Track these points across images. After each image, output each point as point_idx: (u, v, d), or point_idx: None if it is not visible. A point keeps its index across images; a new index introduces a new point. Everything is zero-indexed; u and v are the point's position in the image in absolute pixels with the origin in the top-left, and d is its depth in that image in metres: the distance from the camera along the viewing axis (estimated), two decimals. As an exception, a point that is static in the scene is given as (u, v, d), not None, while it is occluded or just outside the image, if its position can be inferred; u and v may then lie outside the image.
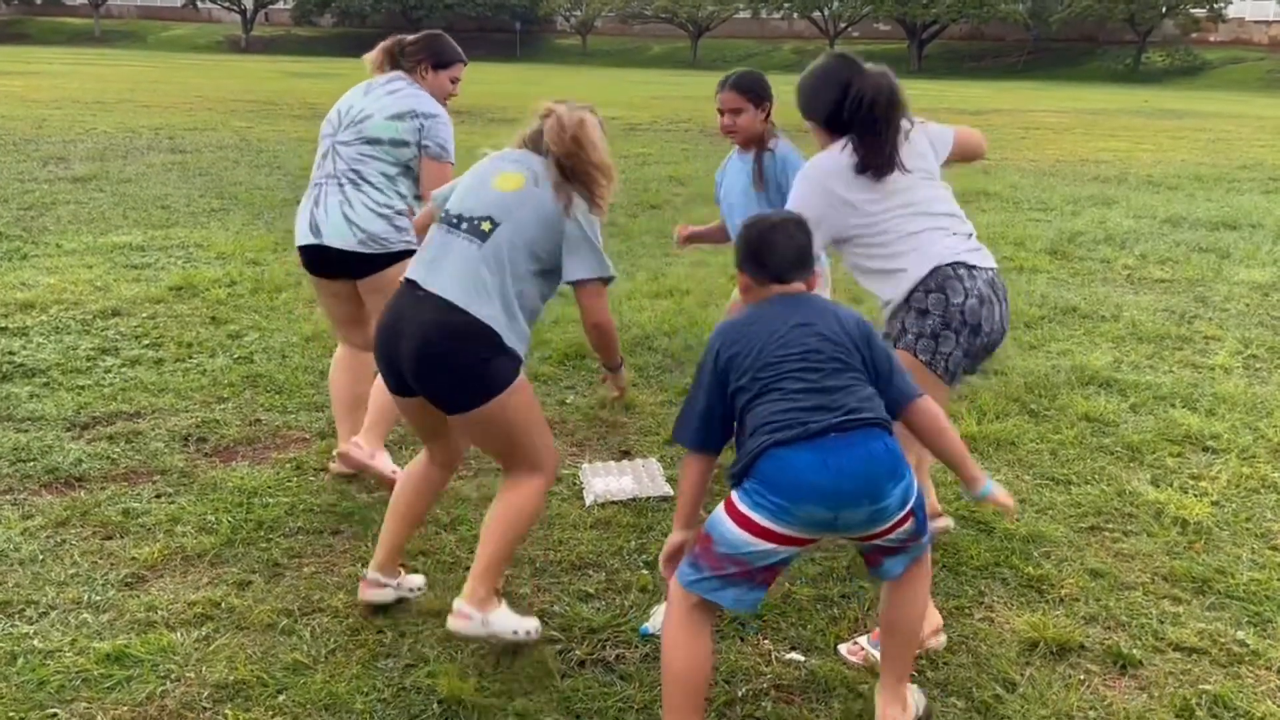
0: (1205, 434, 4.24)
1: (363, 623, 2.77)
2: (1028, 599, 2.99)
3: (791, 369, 2.17)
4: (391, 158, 3.52)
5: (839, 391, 2.15)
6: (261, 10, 75.77)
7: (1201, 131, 20.51)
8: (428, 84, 3.65)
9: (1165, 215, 9.68)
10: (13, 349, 4.82)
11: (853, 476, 2.07)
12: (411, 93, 3.59)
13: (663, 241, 8.06)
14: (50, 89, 22.16)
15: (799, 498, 2.07)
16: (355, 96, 3.63)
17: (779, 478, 2.08)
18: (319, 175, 3.58)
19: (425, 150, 3.53)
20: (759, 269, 2.34)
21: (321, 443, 3.95)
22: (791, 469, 2.07)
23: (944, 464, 2.39)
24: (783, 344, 2.20)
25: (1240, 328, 5.89)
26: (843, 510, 2.08)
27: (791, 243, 2.35)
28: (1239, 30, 56.31)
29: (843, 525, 2.12)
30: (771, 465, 2.09)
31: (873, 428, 2.13)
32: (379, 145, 3.51)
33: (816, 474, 2.06)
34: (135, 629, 2.70)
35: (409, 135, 3.51)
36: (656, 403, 4.51)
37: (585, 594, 2.94)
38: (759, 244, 2.36)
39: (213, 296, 5.86)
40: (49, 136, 13.39)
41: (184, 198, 9.24)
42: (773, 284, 2.33)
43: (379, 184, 3.51)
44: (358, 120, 3.54)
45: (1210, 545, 3.32)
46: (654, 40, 67.60)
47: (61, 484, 3.54)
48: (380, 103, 3.55)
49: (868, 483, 2.08)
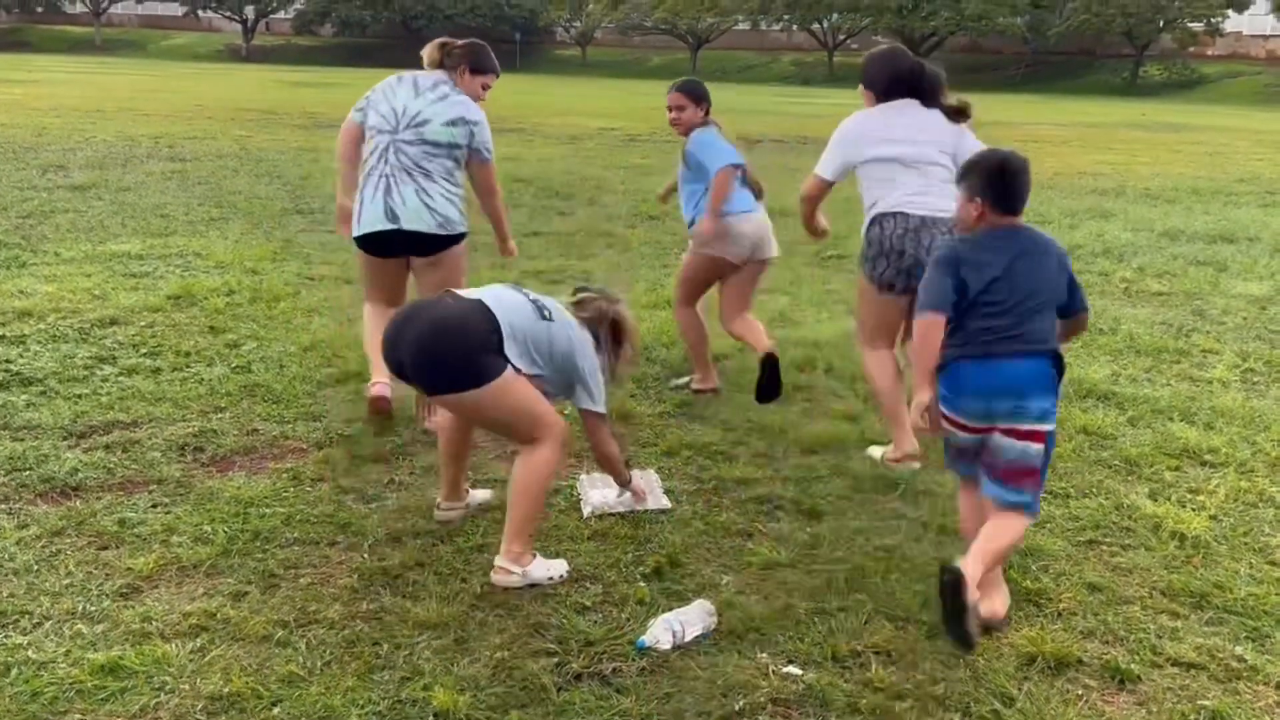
0: (1203, 448, 4.24)
1: (358, 634, 2.76)
2: (1025, 613, 2.98)
3: (1007, 303, 2.78)
4: (451, 157, 4.17)
5: (1033, 324, 2.79)
6: (262, 20, 76.00)
7: (1199, 145, 20.58)
8: (464, 84, 4.23)
9: (1163, 228, 9.71)
10: (10, 357, 4.81)
11: (1012, 378, 2.77)
12: (458, 100, 4.18)
13: (661, 252, 8.07)
14: (50, 97, 22.20)
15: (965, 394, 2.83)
16: (407, 97, 4.16)
17: (955, 384, 2.83)
18: (383, 168, 4.11)
19: (476, 154, 4.22)
20: (1002, 202, 2.83)
21: (319, 452, 3.95)
22: (965, 378, 2.82)
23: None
24: (1009, 276, 2.79)
25: (1238, 341, 5.89)
26: (994, 402, 2.78)
27: (1030, 186, 2.87)
28: (1236, 44, 56.52)
29: (995, 413, 2.79)
30: (951, 374, 2.83)
31: (1043, 356, 2.80)
32: (440, 147, 4.13)
33: (980, 379, 2.80)
34: (130, 640, 2.69)
35: (463, 139, 4.16)
36: (655, 414, 4.50)
37: (582, 606, 2.93)
38: (1011, 181, 2.83)
39: (211, 305, 5.86)
40: (49, 144, 13.41)
41: (183, 206, 9.25)
42: (1006, 216, 2.83)
43: (446, 177, 4.16)
44: (416, 123, 4.11)
45: (1208, 560, 3.32)
46: (654, 51, 67.79)
47: (57, 493, 3.53)
48: (434, 109, 4.12)
49: (1017, 387, 2.76)
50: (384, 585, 3.01)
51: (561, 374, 3.10)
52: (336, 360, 4.96)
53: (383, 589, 2.98)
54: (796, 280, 7.18)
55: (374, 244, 4.18)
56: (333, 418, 4.29)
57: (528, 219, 9.18)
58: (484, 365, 2.87)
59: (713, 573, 3.14)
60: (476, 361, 2.87)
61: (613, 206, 10.38)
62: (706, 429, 4.34)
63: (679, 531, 3.39)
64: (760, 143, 18.88)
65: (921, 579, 3.11)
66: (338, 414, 4.33)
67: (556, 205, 10.01)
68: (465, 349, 2.88)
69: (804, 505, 3.62)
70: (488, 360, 2.88)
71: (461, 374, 2.88)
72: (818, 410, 4.58)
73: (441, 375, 2.92)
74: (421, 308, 3.06)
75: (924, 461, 3.87)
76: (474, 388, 2.87)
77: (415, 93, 4.15)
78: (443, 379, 2.93)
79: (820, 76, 58.04)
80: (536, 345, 3.01)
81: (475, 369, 2.86)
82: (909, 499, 3.69)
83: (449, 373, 2.90)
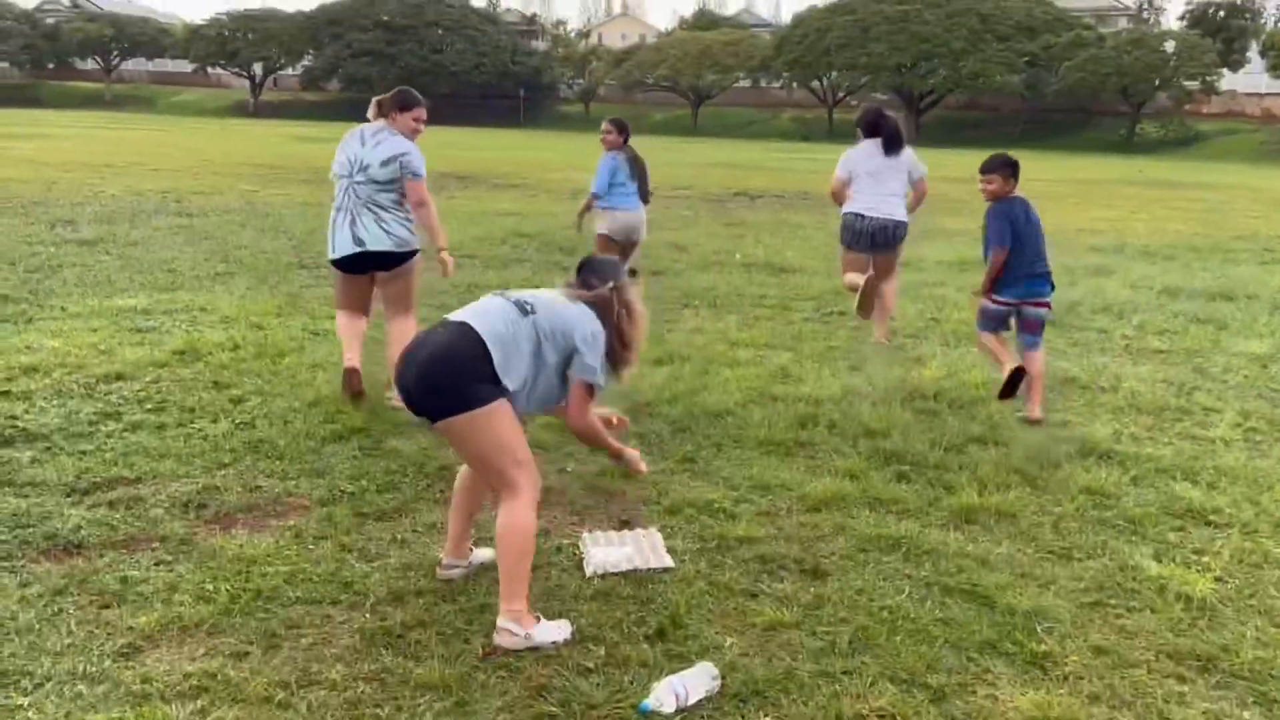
0: (1207, 508, 4.24)
1: (360, 696, 2.74)
2: (1031, 676, 2.96)
3: (1031, 250, 5.45)
4: (395, 189, 5.19)
5: (1040, 262, 5.50)
6: (270, 76, 77.15)
7: (1196, 202, 20.76)
8: (400, 124, 5.26)
9: (1162, 285, 9.77)
10: (15, 413, 4.83)
11: (1031, 282, 5.47)
12: (391, 141, 5.19)
13: (664, 307, 8.12)
14: (60, 152, 22.49)
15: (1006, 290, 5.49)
16: (356, 148, 5.21)
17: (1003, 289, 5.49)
18: (347, 203, 5.19)
19: (406, 176, 5.18)
20: (1014, 176, 5.49)
21: (321, 509, 3.95)
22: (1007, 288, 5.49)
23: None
24: (1030, 229, 5.45)
25: (1239, 400, 5.91)
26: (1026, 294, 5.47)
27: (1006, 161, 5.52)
28: (1231, 103, 57.24)
29: (1025, 293, 5.47)
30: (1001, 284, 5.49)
31: (1049, 277, 5.56)
32: (383, 183, 5.16)
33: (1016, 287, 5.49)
34: (130, 701, 2.68)
35: (397, 172, 5.17)
36: (658, 470, 4.50)
37: (584, 668, 2.91)
38: (1016, 163, 5.52)
39: (216, 361, 5.89)
40: (58, 199, 13.56)
41: (189, 261, 9.33)
42: (1016, 185, 5.50)
43: (395, 205, 5.21)
44: (363, 167, 5.16)
45: (1214, 622, 3.30)
46: (655, 107, 68.66)
47: (60, 550, 3.53)
48: (373, 154, 5.16)
49: (1034, 287, 5.49)
50: (386, 645, 2.99)
51: (564, 355, 3.12)
52: (340, 416, 4.97)
53: (385, 649, 2.97)
54: (799, 336, 7.22)
55: (347, 264, 5.26)
56: (336, 474, 4.29)
57: (531, 273, 9.26)
58: (473, 392, 3.00)
59: (716, 634, 3.13)
60: (465, 388, 3.00)
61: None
62: (709, 486, 4.34)
63: (682, 591, 3.38)
64: (761, 198, 19.08)
65: (927, 640, 3.10)
66: (341, 470, 4.34)
67: (559, 259, 10.08)
68: (453, 376, 3.02)
69: (807, 564, 3.61)
70: (477, 387, 3.00)
71: (453, 400, 3.01)
72: (821, 468, 4.59)
73: (435, 402, 3.06)
74: (422, 342, 3.16)
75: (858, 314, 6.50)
76: (463, 412, 2.99)
77: (362, 143, 5.20)
78: (436, 405, 3.06)
79: (820, 132, 58.73)
80: (521, 341, 3.07)
81: (465, 395, 2.99)
82: (912, 558, 3.69)
83: (441, 399, 3.04)
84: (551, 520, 3.95)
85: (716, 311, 8.07)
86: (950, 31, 57.30)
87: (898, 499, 4.23)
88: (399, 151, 5.14)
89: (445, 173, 19.61)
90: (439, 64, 70.11)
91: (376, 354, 5.42)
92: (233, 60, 75.40)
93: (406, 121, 5.25)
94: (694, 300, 8.48)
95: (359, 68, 70.20)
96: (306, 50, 74.15)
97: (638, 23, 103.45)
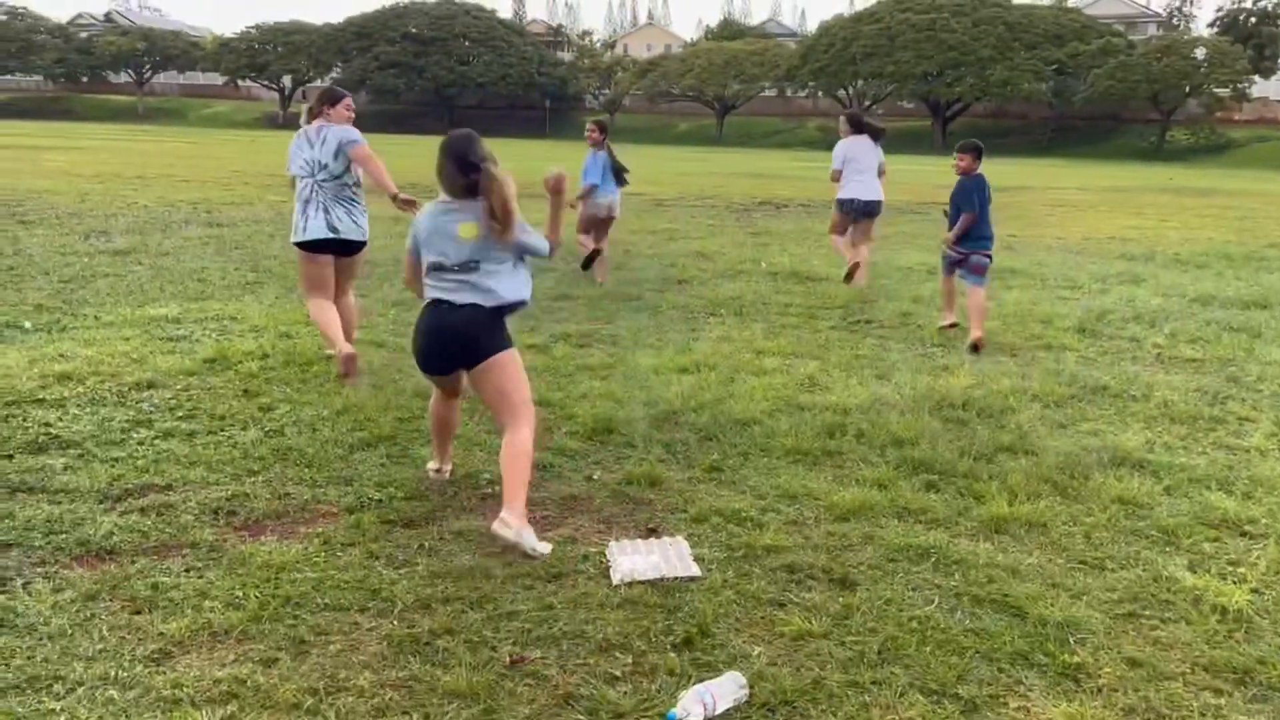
0: (1242, 518, 4.17)
1: (388, 703, 2.75)
2: (1064, 689, 2.92)
3: (984, 216, 7.39)
4: (350, 179, 6.00)
5: (988, 226, 7.47)
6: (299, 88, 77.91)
7: (1229, 209, 20.52)
8: (334, 116, 6.02)
9: (1194, 294, 9.65)
10: (49, 420, 4.89)
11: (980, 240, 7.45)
12: (331, 132, 5.94)
13: (689, 316, 8.12)
14: (93, 164, 22.81)
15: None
16: (309, 151, 5.95)
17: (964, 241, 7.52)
18: (317, 197, 5.92)
19: (348, 148, 5.90)
20: (979, 159, 7.40)
21: (350, 516, 3.96)
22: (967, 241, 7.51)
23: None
24: (986, 200, 7.36)
25: (1274, 409, 5.82)
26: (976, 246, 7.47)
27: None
28: (1264, 109, 56.63)
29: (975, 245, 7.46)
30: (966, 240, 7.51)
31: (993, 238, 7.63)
32: (340, 176, 5.94)
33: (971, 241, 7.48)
34: (161, 707, 2.70)
35: (345, 161, 5.93)
36: (684, 479, 4.49)
37: (612, 676, 2.91)
38: (982, 148, 7.50)
39: (245, 369, 5.94)
40: (91, 210, 13.75)
41: (220, 271, 9.42)
42: (979, 165, 7.39)
43: (357, 198, 6.06)
44: (322, 166, 5.92)
45: (1250, 634, 3.24)
46: (680, 117, 68.77)
47: (93, 556, 3.57)
48: (323, 152, 5.92)
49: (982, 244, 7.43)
50: (413, 653, 3.00)
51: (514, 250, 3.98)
52: (368, 424, 5.00)
53: (412, 656, 2.98)
54: (825, 345, 7.19)
55: (316, 247, 5.95)
56: (364, 481, 4.32)
57: (555, 283, 9.28)
58: (497, 339, 3.89)
59: (744, 643, 3.11)
60: (494, 337, 3.89)
61: (641, 270, 10.47)
62: (735, 495, 4.32)
63: (709, 600, 3.36)
64: (787, 206, 19.04)
65: (957, 651, 3.06)
66: (369, 477, 4.36)
67: (574, 268, 10.08)
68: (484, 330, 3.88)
69: (835, 574, 3.58)
70: (499, 337, 3.90)
71: (489, 345, 3.87)
72: (848, 477, 4.56)
73: (475, 351, 3.87)
74: (440, 321, 3.90)
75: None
76: (498, 353, 3.87)
77: (310, 145, 5.94)
78: (478, 353, 3.86)
79: (846, 142, 58.48)
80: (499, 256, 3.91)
81: (494, 341, 3.88)
82: (941, 568, 3.65)
83: (480, 348, 3.87)
84: (578, 528, 3.95)
85: (742, 320, 8.06)
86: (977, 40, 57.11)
87: (926, 508, 4.19)
88: (340, 139, 5.90)
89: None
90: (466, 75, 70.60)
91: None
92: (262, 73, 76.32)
93: (340, 113, 6.03)
94: (720, 309, 8.46)
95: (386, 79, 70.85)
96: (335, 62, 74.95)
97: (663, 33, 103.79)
